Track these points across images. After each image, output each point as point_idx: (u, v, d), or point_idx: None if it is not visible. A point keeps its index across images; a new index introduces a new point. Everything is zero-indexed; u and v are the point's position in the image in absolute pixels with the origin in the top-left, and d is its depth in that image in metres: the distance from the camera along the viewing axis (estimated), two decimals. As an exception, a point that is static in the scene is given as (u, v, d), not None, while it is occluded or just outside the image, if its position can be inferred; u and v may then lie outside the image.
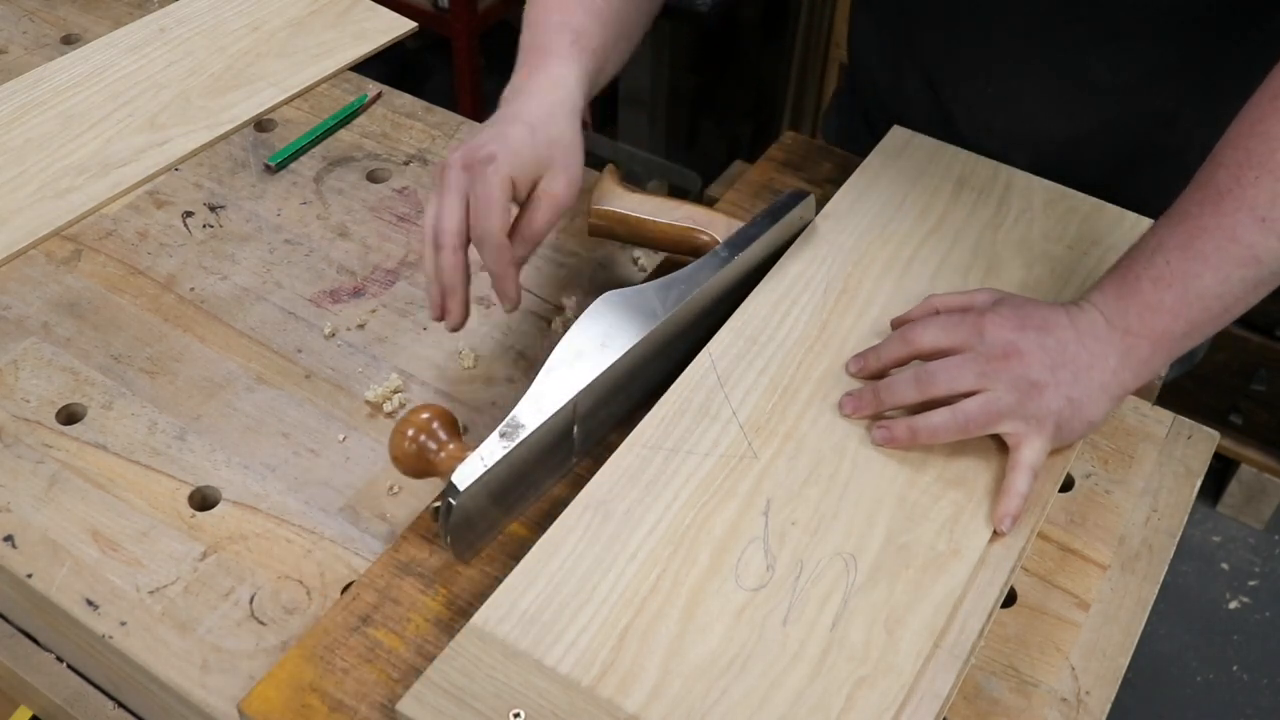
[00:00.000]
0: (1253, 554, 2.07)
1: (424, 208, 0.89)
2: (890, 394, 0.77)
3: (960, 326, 0.77)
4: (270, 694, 0.67)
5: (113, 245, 0.98)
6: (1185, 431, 0.88)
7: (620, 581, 0.69)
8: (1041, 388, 0.74)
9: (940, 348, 0.77)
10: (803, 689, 0.64)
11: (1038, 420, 0.74)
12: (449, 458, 0.73)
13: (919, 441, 0.76)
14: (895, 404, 0.77)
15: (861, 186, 0.96)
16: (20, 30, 1.22)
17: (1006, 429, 0.74)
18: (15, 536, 0.77)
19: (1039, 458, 0.74)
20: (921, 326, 0.78)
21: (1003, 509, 0.73)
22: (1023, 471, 0.74)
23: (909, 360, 0.79)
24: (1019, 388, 0.74)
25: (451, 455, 0.73)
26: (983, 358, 0.75)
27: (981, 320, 0.76)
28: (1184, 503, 0.83)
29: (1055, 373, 0.74)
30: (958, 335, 0.76)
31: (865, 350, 0.81)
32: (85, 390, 0.87)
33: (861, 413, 0.78)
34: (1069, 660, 0.74)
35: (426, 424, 0.74)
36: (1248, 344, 1.94)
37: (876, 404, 0.77)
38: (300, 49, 1.17)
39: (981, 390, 0.74)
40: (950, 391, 0.75)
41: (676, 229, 0.89)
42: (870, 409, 0.78)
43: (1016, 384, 0.74)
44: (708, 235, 0.88)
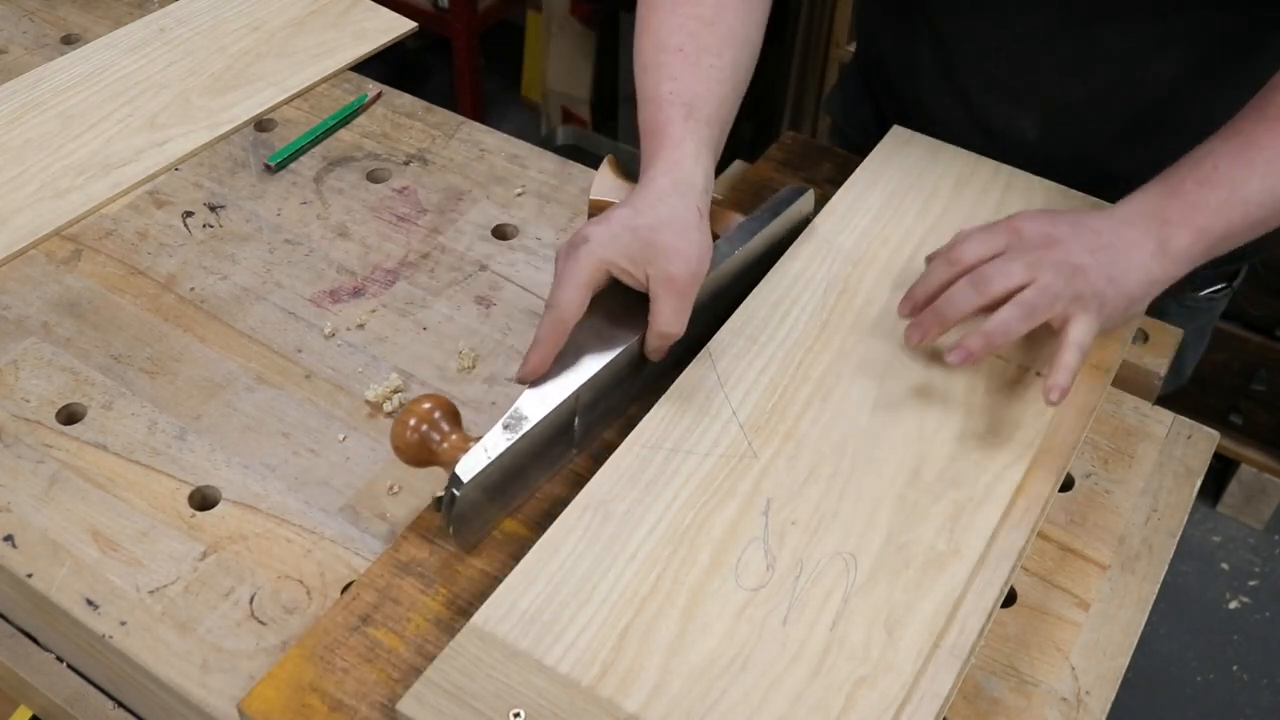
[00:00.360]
0: (1253, 554, 2.07)
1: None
2: (951, 307, 0.79)
3: (998, 233, 0.80)
4: (270, 694, 0.67)
5: (113, 245, 0.98)
6: (1185, 431, 0.88)
7: (620, 581, 0.69)
8: (1084, 269, 0.77)
9: (984, 256, 0.79)
10: (803, 689, 0.64)
11: (1084, 300, 0.77)
12: (452, 448, 0.73)
13: (994, 345, 0.77)
14: (958, 315, 0.78)
15: (861, 186, 0.96)
16: (20, 30, 1.22)
17: (1058, 310, 0.77)
18: (15, 536, 0.77)
19: (1088, 335, 0.77)
20: (962, 244, 0.81)
21: (1051, 381, 0.75)
22: (1072, 347, 0.76)
23: (955, 280, 0.80)
24: (1064, 271, 0.77)
25: (454, 446, 0.73)
26: (1026, 250, 0.78)
27: (1015, 223, 0.80)
28: (1184, 503, 0.83)
29: (1095, 255, 0.78)
30: (998, 240, 0.80)
31: (908, 290, 0.82)
32: (85, 390, 0.87)
33: (929, 336, 0.80)
34: (1069, 660, 0.74)
35: (429, 414, 0.74)
36: (1248, 344, 1.94)
37: (940, 322, 0.79)
38: (300, 49, 1.17)
39: (1033, 279, 0.77)
40: (1006, 288, 0.77)
41: None
42: (936, 329, 0.79)
43: (1061, 268, 0.77)
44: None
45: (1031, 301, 0.76)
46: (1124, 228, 0.79)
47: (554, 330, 0.75)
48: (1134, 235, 0.79)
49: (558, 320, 0.75)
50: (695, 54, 0.85)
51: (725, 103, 0.86)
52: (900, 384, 0.81)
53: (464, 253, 0.99)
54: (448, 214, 1.03)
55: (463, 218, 1.02)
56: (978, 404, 0.80)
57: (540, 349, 0.76)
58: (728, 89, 0.86)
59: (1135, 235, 0.79)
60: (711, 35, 0.86)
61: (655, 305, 0.77)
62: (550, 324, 0.75)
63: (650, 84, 0.85)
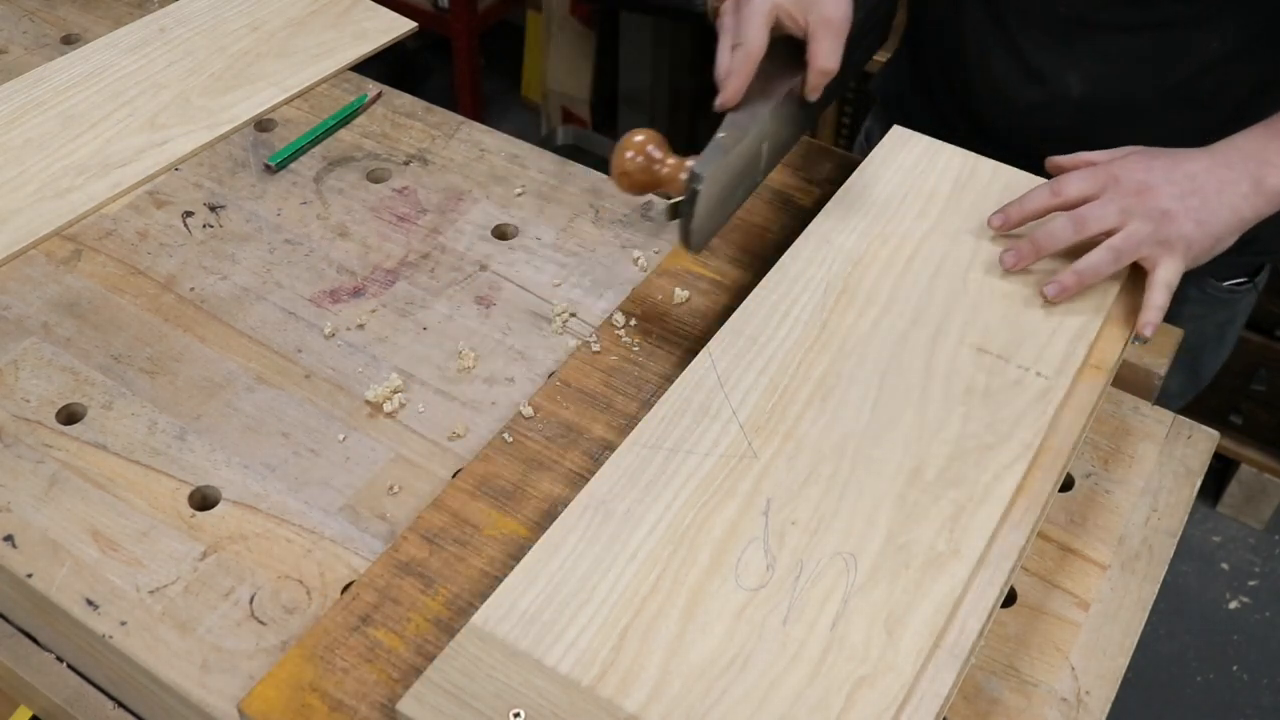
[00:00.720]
0: (1253, 554, 2.07)
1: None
2: (1050, 239, 0.87)
3: (1098, 174, 0.87)
4: (270, 694, 0.67)
5: (113, 245, 0.98)
6: (1185, 431, 0.88)
7: (620, 581, 0.69)
8: (1173, 216, 0.84)
9: (1085, 194, 0.86)
10: (803, 689, 0.64)
11: (1170, 244, 0.85)
12: (672, 169, 0.83)
13: (1085, 283, 0.86)
14: (1053, 248, 0.87)
15: (861, 186, 0.96)
16: (20, 30, 1.22)
17: (1146, 253, 0.85)
18: (15, 536, 0.77)
19: (1174, 276, 0.85)
20: (1070, 179, 0.88)
21: (1144, 319, 0.84)
22: (1160, 288, 0.85)
23: (1051, 209, 0.88)
24: (1153, 218, 0.84)
25: (674, 167, 0.83)
26: (1121, 195, 0.85)
27: (1113, 166, 0.87)
28: (1184, 503, 0.83)
29: (1184, 200, 0.84)
30: (1098, 181, 0.86)
31: (1006, 205, 0.90)
32: (85, 390, 0.87)
33: (1024, 261, 0.88)
34: (1069, 660, 0.74)
35: (643, 145, 0.84)
36: (1248, 344, 1.94)
37: (1036, 251, 0.87)
38: (300, 49, 1.17)
39: (1123, 225, 0.85)
40: (1100, 229, 0.85)
41: None
42: (1031, 257, 0.88)
43: (1150, 214, 0.84)
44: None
45: (1120, 246, 0.85)
46: (1220, 169, 0.85)
47: (747, 62, 0.86)
48: (1230, 175, 0.85)
49: (748, 54, 0.86)
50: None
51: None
52: (900, 384, 0.81)
53: (464, 253, 0.99)
54: (448, 214, 1.03)
55: (463, 218, 1.02)
56: (977, 404, 0.80)
57: (737, 78, 0.86)
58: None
59: (1231, 175, 0.85)
60: None
61: (814, 45, 0.88)
62: (742, 57, 0.86)
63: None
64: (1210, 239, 0.85)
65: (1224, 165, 0.86)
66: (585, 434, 0.82)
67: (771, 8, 0.87)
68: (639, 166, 0.84)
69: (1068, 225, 0.86)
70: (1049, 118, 1.06)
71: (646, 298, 0.93)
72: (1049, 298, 0.86)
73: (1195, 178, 0.85)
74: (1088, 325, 0.85)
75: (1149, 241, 0.85)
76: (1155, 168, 0.86)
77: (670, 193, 0.84)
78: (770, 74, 0.89)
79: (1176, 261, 0.85)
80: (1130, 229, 0.85)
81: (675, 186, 0.83)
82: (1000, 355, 0.83)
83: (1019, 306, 0.86)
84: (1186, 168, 0.86)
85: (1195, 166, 0.86)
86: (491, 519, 0.77)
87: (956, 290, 0.87)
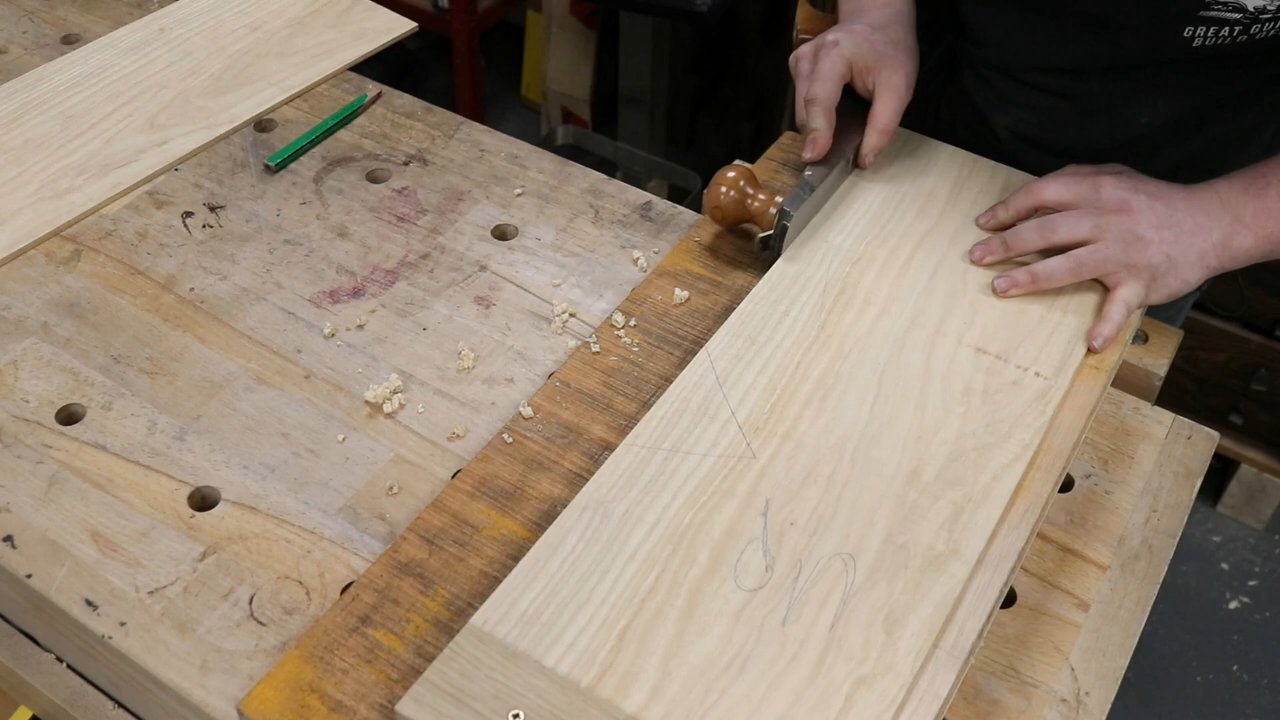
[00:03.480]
0: (1253, 554, 2.07)
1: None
2: (1017, 240, 0.88)
3: (1081, 184, 0.87)
4: (270, 694, 0.67)
5: (112, 245, 0.98)
6: (1185, 431, 0.88)
7: (619, 582, 0.69)
8: (1146, 242, 0.84)
9: (1063, 201, 0.87)
10: (802, 689, 0.64)
11: (1137, 270, 0.84)
12: (762, 205, 0.91)
13: (1038, 285, 0.86)
14: (1021, 250, 0.88)
15: (860, 186, 0.96)
16: (20, 30, 1.22)
17: (1109, 272, 0.85)
18: (15, 536, 0.77)
19: (1135, 299, 0.85)
20: (1048, 182, 0.89)
21: (1096, 329, 0.84)
22: (1119, 304, 0.84)
23: (1033, 211, 0.89)
24: (1126, 239, 0.84)
25: (765, 202, 0.91)
26: (1098, 211, 0.85)
27: (1099, 179, 0.87)
28: (1184, 503, 0.83)
29: (1160, 231, 0.84)
30: (1079, 191, 0.87)
31: (995, 205, 0.92)
32: (85, 390, 0.87)
33: (991, 257, 0.89)
34: (1069, 660, 0.74)
35: (735, 181, 0.92)
36: (1248, 344, 1.94)
37: (1005, 250, 0.88)
38: (300, 49, 1.17)
39: (1094, 240, 0.85)
40: (1069, 239, 0.86)
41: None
42: (999, 254, 0.89)
43: (1124, 236, 0.84)
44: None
45: (1084, 259, 0.85)
46: (1198, 212, 0.85)
47: (828, 118, 0.92)
48: (1205, 222, 0.84)
49: (828, 110, 0.92)
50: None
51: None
52: (899, 384, 0.81)
53: (464, 253, 0.99)
54: (447, 214, 1.03)
55: (462, 218, 1.02)
56: (976, 404, 0.80)
57: (822, 135, 0.92)
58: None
59: (1207, 222, 0.84)
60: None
61: (878, 105, 0.93)
62: (824, 113, 0.92)
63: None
64: (1176, 278, 0.85)
65: (1202, 210, 0.85)
66: (585, 434, 0.82)
67: (846, 63, 0.92)
68: (732, 201, 0.92)
69: (1036, 230, 0.87)
70: (982, 154, 1.06)
71: (646, 298, 0.93)
72: (997, 290, 0.86)
73: (1175, 212, 0.85)
74: (1087, 323, 0.85)
75: (1116, 261, 0.84)
76: (1139, 191, 0.86)
77: (758, 227, 0.92)
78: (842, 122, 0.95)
79: (1140, 287, 0.85)
80: (1100, 245, 0.85)
81: (764, 221, 0.91)
82: (999, 355, 0.83)
83: (1018, 307, 0.86)
84: (1169, 200, 0.85)
85: (1177, 201, 0.85)
86: (491, 519, 0.77)
87: (955, 290, 0.88)
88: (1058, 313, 0.86)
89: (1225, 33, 0.90)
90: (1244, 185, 0.86)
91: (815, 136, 0.92)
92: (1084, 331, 0.85)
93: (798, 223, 0.90)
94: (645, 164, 2.40)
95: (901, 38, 0.95)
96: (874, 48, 0.93)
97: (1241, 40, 0.90)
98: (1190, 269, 0.85)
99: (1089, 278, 0.86)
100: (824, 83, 0.92)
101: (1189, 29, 0.91)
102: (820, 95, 0.92)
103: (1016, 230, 0.89)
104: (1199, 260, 0.85)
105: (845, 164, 0.96)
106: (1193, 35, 0.91)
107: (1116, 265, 0.84)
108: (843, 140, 0.95)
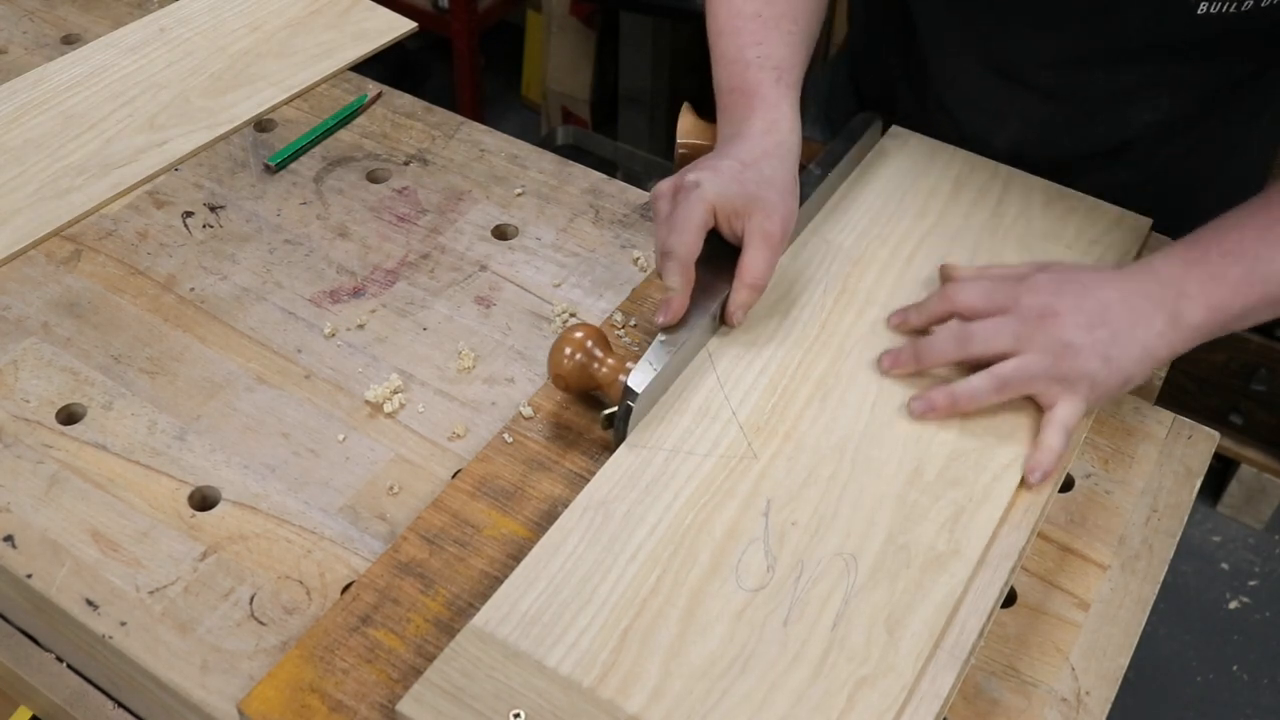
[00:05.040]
0: (1253, 554, 2.07)
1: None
2: (929, 350, 0.79)
3: (1000, 289, 0.79)
4: (270, 694, 0.67)
5: (113, 245, 0.98)
6: (1185, 431, 0.88)
7: (621, 582, 0.69)
8: (1076, 349, 0.75)
9: (978, 308, 0.79)
10: (803, 690, 0.64)
11: (1071, 382, 0.75)
12: (612, 371, 0.79)
13: (959, 407, 0.77)
14: (933, 361, 0.79)
15: (860, 186, 0.96)
16: (20, 30, 1.22)
17: (1041, 389, 0.76)
18: (15, 536, 0.77)
19: (1073, 416, 0.76)
20: (964, 286, 0.80)
21: (1033, 461, 0.75)
22: (1056, 428, 0.75)
23: (948, 318, 0.80)
24: (1053, 349, 0.75)
25: (613, 369, 0.79)
26: (1019, 319, 0.77)
27: (1020, 285, 0.78)
28: (1184, 503, 0.83)
29: (1092, 333, 0.75)
30: (997, 297, 0.78)
31: (908, 305, 0.84)
32: (85, 390, 0.87)
33: (899, 368, 0.80)
34: (1069, 660, 0.74)
35: (582, 342, 0.80)
36: (1248, 344, 1.94)
37: (915, 360, 0.79)
38: (300, 49, 1.17)
39: (1017, 352, 0.76)
40: (986, 351, 0.77)
41: None
42: (909, 365, 0.80)
43: (1051, 346, 0.75)
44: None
45: (1008, 376, 0.76)
46: (1135, 299, 0.76)
47: (685, 276, 0.79)
48: (1145, 308, 0.76)
49: (686, 266, 0.79)
50: (773, 19, 0.89)
51: (804, 68, 0.90)
52: (900, 384, 0.81)
53: (464, 253, 0.99)
54: (448, 214, 1.03)
55: (463, 218, 1.02)
56: (978, 404, 0.80)
57: (679, 296, 0.80)
58: (804, 54, 0.90)
59: (1147, 308, 0.76)
60: (785, 2, 0.91)
61: (747, 255, 0.80)
62: (680, 270, 0.79)
63: (733, 47, 0.89)
64: (1118, 378, 0.76)
65: (1140, 295, 0.77)
66: (585, 434, 0.82)
67: (708, 209, 0.79)
68: (577, 367, 0.80)
69: (949, 341, 0.78)
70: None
71: (646, 298, 0.93)
72: (912, 414, 0.78)
73: (1108, 308, 0.76)
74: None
75: (1046, 376, 0.76)
76: (1064, 292, 0.77)
77: (607, 398, 0.80)
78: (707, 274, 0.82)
79: (1077, 402, 0.76)
80: (1025, 359, 0.76)
81: (613, 392, 0.79)
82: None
83: (1019, 307, 0.86)
84: (1099, 295, 0.77)
85: (1109, 294, 0.77)
86: (491, 519, 0.77)
87: (956, 290, 0.87)
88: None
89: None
90: (1182, 257, 0.78)
91: (669, 298, 0.79)
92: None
93: (644, 403, 0.77)
94: (645, 164, 2.40)
95: (776, 174, 0.81)
96: (743, 189, 0.79)
97: (1248, 8, 0.86)
98: (1134, 365, 0.76)
99: (1015, 396, 0.77)
100: (681, 234, 0.78)
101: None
102: (677, 249, 0.78)
103: (930, 340, 0.79)
104: (1143, 354, 0.76)
105: (711, 321, 0.82)
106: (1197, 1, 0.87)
107: (1047, 380, 0.76)
108: (706, 294, 0.82)
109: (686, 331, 0.80)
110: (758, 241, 0.79)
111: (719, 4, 0.92)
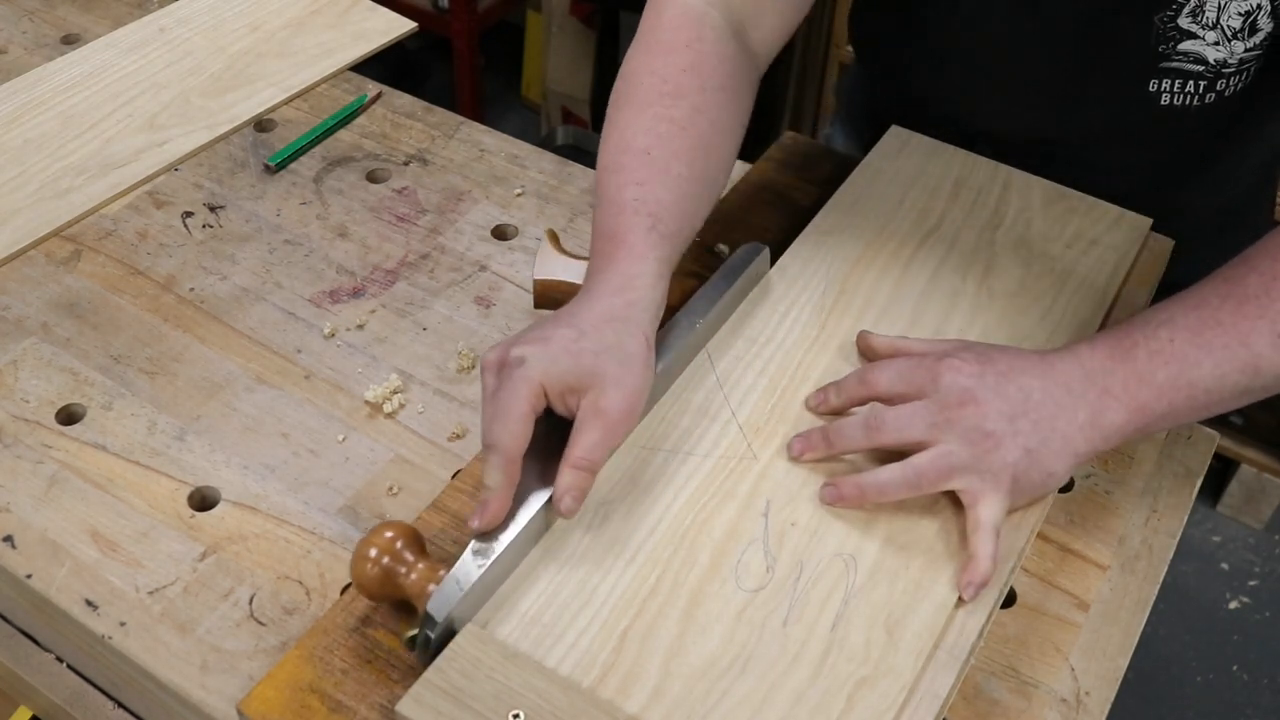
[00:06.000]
0: (1253, 554, 2.07)
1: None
2: (840, 437, 0.74)
3: (917, 371, 0.73)
4: (270, 694, 0.67)
5: (112, 245, 0.98)
6: (1185, 431, 0.88)
7: (620, 583, 0.69)
8: (997, 439, 0.70)
9: (895, 392, 0.74)
10: (803, 690, 0.64)
11: (993, 475, 0.70)
12: (421, 580, 0.67)
13: (867, 500, 0.72)
14: (843, 449, 0.74)
15: (860, 186, 0.96)
16: (20, 30, 1.22)
17: (960, 485, 0.70)
18: (15, 536, 0.77)
19: (997, 515, 0.70)
20: (880, 369, 0.75)
21: (967, 576, 0.69)
22: (984, 533, 0.69)
23: (866, 401, 0.76)
24: (972, 439, 0.70)
25: (423, 577, 0.67)
26: (936, 406, 0.71)
27: (939, 365, 0.73)
28: (1184, 503, 0.83)
29: (1014, 422, 0.70)
30: (914, 380, 0.73)
31: (827, 385, 0.78)
32: (85, 390, 0.87)
33: (809, 454, 0.75)
34: (1069, 660, 0.74)
35: (390, 544, 0.68)
36: (1248, 344, 1.94)
37: (826, 446, 0.74)
38: (300, 49, 1.17)
39: (933, 442, 0.71)
40: (899, 441, 0.72)
41: None
42: (819, 451, 0.75)
43: (969, 435, 0.70)
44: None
45: (923, 469, 0.70)
46: (1058, 390, 0.72)
47: (508, 473, 0.68)
48: (1067, 401, 0.71)
49: (508, 463, 0.68)
50: (664, 160, 0.78)
51: (690, 215, 0.79)
52: (900, 385, 0.80)
53: (464, 253, 0.99)
54: (447, 214, 1.03)
55: (462, 218, 1.02)
56: (978, 405, 0.79)
57: (499, 497, 0.68)
58: (694, 201, 0.79)
59: (1069, 401, 0.71)
60: (683, 140, 0.79)
61: (577, 435, 0.69)
62: (503, 466, 0.68)
63: (613, 186, 0.78)
64: (1040, 473, 0.71)
65: (1063, 387, 0.72)
66: (585, 434, 0.82)
67: (535, 391, 0.68)
68: (380, 575, 0.67)
69: (860, 429, 0.73)
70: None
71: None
72: (822, 500, 0.73)
73: (1030, 396, 0.71)
74: (1088, 324, 0.85)
75: (965, 469, 0.70)
76: (986, 375, 0.72)
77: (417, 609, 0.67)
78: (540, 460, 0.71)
79: (1000, 498, 0.70)
80: (942, 449, 0.70)
81: (422, 604, 0.66)
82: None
83: (1018, 306, 0.86)
84: (1021, 382, 0.71)
85: (1031, 382, 0.72)
86: (491, 519, 0.77)
87: (956, 291, 0.87)
88: (1058, 313, 0.86)
89: (1191, 89, 0.85)
90: (1109, 349, 0.73)
91: (487, 500, 0.68)
92: (1085, 330, 0.84)
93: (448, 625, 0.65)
94: (645, 164, 2.39)
95: (619, 341, 0.71)
96: (577, 362, 0.69)
97: (1210, 100, 0.86)
98: (1055, 459, 0.71)
99: (931, 491, 0.71)
100: (504, 422, 0.68)
101: (1154, 82, 0.87)
102: (500, 441, 0.68)
103: (841, 425, 0.74)
104: (1064, 447, 0.71)
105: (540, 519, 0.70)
106: (1159, 90, 0.86)
107: (966, 473, 0.70)
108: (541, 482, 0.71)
109: (506, 536, 0.68)
110: (590, 421, 0.69)
111: (611, 134, 0.82)
